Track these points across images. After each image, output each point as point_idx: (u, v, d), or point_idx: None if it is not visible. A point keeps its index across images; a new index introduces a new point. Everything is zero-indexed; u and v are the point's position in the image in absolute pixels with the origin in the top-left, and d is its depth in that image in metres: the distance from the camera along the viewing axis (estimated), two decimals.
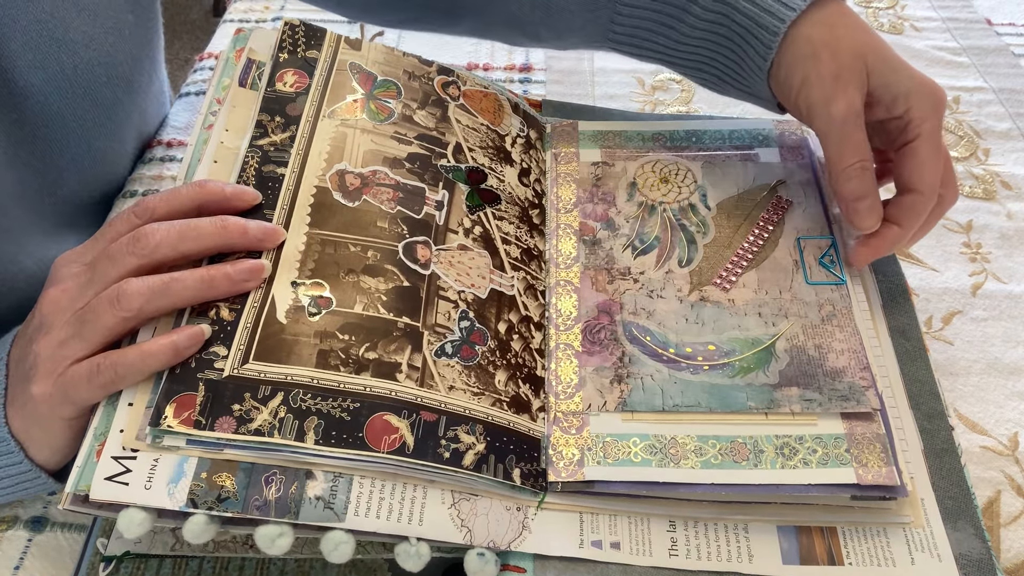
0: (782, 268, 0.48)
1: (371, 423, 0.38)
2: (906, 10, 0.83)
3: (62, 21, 0.48)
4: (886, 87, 0.45)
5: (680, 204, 0.52)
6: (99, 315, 0.37)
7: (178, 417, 0.36)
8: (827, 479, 0.40)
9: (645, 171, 0.54)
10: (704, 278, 0.48)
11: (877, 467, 0.40)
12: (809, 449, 0.41)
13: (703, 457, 0.41)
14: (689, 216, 0.51)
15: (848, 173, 0.45)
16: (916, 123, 0.45)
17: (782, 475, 0.40)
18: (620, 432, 0.42)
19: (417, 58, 0.53)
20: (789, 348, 0.45)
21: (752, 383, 0.44)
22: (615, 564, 0.40)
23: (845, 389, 0.43)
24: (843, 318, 0.46)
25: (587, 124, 0.57)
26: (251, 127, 0.46)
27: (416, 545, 0.37)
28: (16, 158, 0.48)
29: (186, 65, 0.76)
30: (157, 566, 0.41)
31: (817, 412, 0.42)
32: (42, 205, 0.52)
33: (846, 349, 0.44)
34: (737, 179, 0.53)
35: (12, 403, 0.39)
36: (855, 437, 0.41)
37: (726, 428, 0.42)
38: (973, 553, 0.41)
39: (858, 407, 0.42)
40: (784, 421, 0.42)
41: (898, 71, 0.45)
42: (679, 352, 0.45)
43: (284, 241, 0.42)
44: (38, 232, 0.52)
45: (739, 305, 0.47)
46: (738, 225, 0.51)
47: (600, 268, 0.49)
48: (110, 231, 0.40)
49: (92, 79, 0.52)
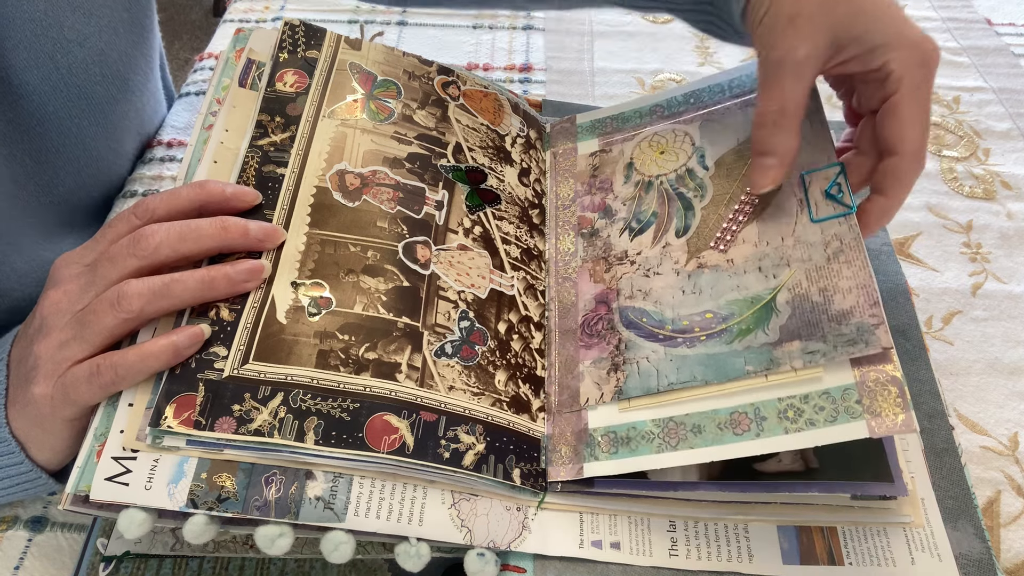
0: (785, 211, 0.45)
1: (371, 423, 0.38)
2: (906, 10, 0.83)
3: (56, 19, 0.48)
4: (858, 39, 0.41)
5: (678, 173, 0.50)
6: (99, 316, 0.37)
7: (178, 417, 0.36)
8: (836, 437, 0.37)
9: (642, 148, 0.53)
10: (703, 242, 0.46)
11: (893, 414, 0.36)
12: (816, 407, 0.38)
13: (702, 435, 0.39)
14: (686, 183, 0.49)
15: (762, 118, 0.42)
16: (895, 77, 0.41)
17: (787, 440, 0.37)
18: (618, 423, 0.42)
19: (417, 58, 0.53)
20: (791, 299, 0.42)
21: (751, 345, 0.41)
22: (615, 564, 0.40)
23: (853, 332, 0.39)
24: (852, 252, 0.42)
25: (584, 115, 0.56)
26: (251, 127, 0.46)
27: (416, 545, 0.37)
28: (12, 157, 0.48)
29: (186, 65, 0.76)
30: (157, 566, 0.41)
31: (821, 364, 0.39)
32: (38, 205, 0.52)
33: (854, 286, 0.40)
34: (737, 129, 0.50)
35: (13, 404, 0.39)
36: (867, 385, 0.37)
37: (724, 400, 0.40)
38: (973, 553, 0.41)
39: (867, 349, 0.38)
40: (786, 380, 0.39)
41: (878, 20, 0.41)
42: (676, 327, 0.43)
43: (284, 241, 0.42)
44: (33, 233, 0.52)
45: (738, 264, 0.44)
46: (738, 177, 0.48)
47: (598, 258, 0.49)
48: (110, 232, 0.40)
49: (87, 78, 0.51)
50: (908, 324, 0.50)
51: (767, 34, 0.42)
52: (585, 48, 0.77)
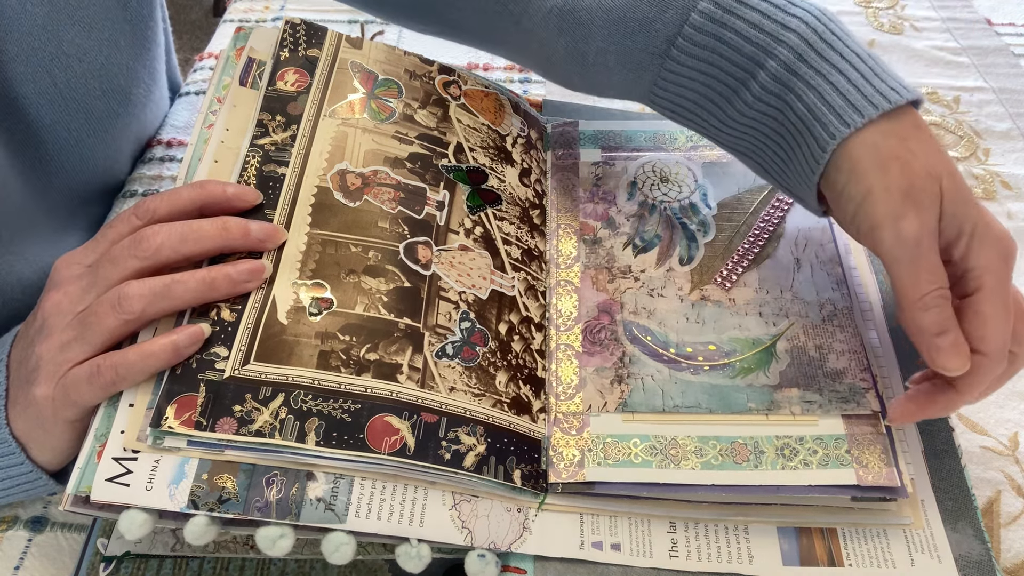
0: (783, 267, 0.48)
1: (372, 424, 0.38)
2: (906, 10, 0.83)
3: (55, 34, 0.48)
4: (953, 217, 0.38)
5: (681, 203, 0.52)
6: (100, 318, 0.37)
7: (179, 418, 0.36)
8: (828, 480, 0.40)
9: (645, 171, 0.54)
10: (705, 277, 0.48)
11: (878, 468, 0.40)
12: (810, 450, 0.41)
13: (703, 458, 0.41)
14: (690, 215, 0.51)
15: (926, 302, 0.37)
16: (979, 271, 0.38)
17: (782, 476, 0.40)
18: (620, 433, 0.42)
19: (418, 57, 0.53)
20: (790, 348, 0.45)
21: (752, 384, 0.44)
22: (615, 565, 0.40)
23: (845, 391, 0.43)
24: (844, 318, 0.46)
25: (587, 124, 0.57)
26: (252, 126, 0.46)
27: (417, 546, 0.37)
28: (12, 169, 0.48)
29: (186, 65, 0.76)
30: (157, 566, 0.41)
31: (817, 414, 0.42)
32: (37, 213, 0.52)
33: (847, 350, 0.44)
34: (738, 180, 0.53)
35: (14, 405, 0.39)
36: (856, 438, 0.41)
37: (726, 429, 0.42)
38: (973, 554, 0.41)
39: (858, 409, 0.42)
40: (785, 421, 0.42)
41: (968, 204, 0.38)
42: (680, 352, 0.45)
43: (285, 242, 0.42)
44: (38, 240, 0.52)
45: (740, 304, 0.47)
46: (739, 224, 0.51)
47: (600, 267, 0.49)
48: (111, 233, 0.40)
49: (86, 92, 0.51)
50: None
51: (881, 211, 0.38)
52: None
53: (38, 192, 0.52)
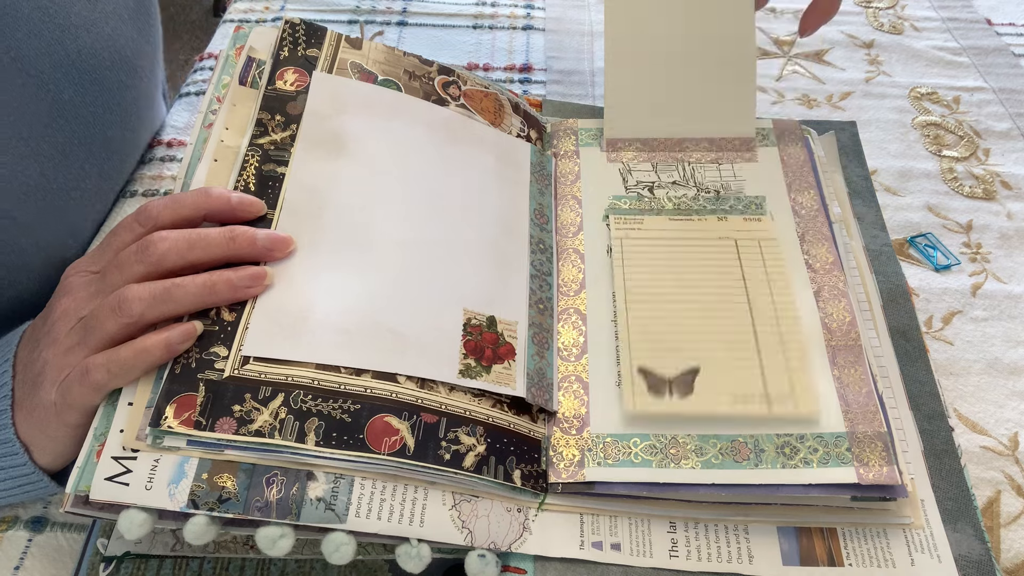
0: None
1: (372, 424, 0.38)
2: (906, 10, 0.83)
3: (63, 6, 0.48)
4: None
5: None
6: (102, 322, 0.37)
7: (178, 418, 0.36)
8: (828, 479, 0.40)
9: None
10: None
11: (878, 466, 0.40)
12: (810, 448, 0.41)
13: (703, 457, 0.41)
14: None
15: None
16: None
17: (783, 475, 0.40)
18: (620, 432, 0.42)
19: (417, 58, 0.53)
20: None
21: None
22: (615, 565, 0.40)
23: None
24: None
25: (587, 122, 0.57)
26: (251, 126, 0.46)
27: (417, 546, 0.37)
28: (39, 151, 0.48)
29: (186, 65, 0.76)
30: (157, 566, 0.41)
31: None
32: (68, 201, 0.52)
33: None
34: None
35: (20, 407, 0.39)
36: (856, 436, 0.41)
37: (726, 428, 0.42)
38: (973, 554, 0.41)
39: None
40: (786, 414, 0.42)
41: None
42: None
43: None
44: (60, 229, 0.52)
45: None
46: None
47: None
48: (116, 240, 0.41)
49: (97, 63, 0.51)
50: (908, 324, 0.50)
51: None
52: (585, 48, 0.77)
53: (71, 178, 0.52)
